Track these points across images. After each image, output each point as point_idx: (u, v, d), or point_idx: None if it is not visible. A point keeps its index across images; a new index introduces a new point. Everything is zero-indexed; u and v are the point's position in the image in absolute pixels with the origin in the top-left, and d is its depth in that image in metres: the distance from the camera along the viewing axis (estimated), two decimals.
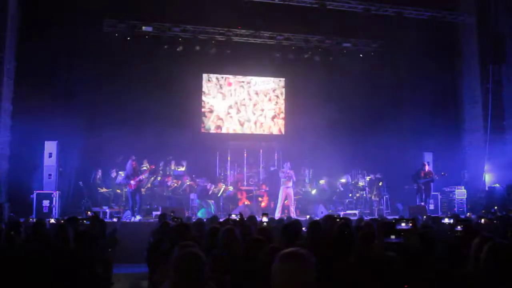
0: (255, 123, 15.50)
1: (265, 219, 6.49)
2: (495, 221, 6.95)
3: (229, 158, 14.57)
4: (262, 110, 15.57)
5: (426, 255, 3.80)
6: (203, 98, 15.17)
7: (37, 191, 11.25)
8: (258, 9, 13.12)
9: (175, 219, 7.06)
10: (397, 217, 9.99)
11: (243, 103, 15.45)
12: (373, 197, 13.76)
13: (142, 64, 13.37)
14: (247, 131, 15.35)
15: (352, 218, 8.65)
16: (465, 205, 13.30)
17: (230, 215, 6.98)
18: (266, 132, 15.53)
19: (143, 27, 13.54)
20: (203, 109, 15.14)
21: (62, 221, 7.46)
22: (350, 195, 13.92)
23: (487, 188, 13.84)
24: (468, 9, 14.59)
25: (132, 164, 11.58)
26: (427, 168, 13.15)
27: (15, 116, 11.82)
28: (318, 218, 8.43)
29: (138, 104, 13.17)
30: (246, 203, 13.26)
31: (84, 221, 6.12)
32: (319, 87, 14.70)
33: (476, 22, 14.40)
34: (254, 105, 15.51)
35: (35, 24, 12.04)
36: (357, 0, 13.54)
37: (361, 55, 15.11)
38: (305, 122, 14.46)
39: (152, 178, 13.05)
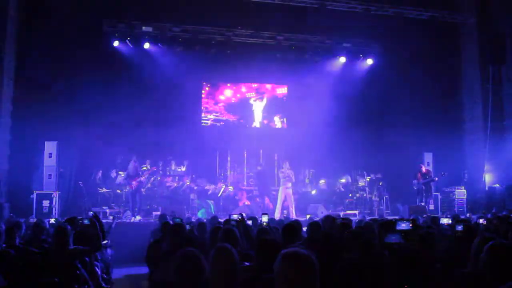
0: (256, 122, 15.53)
1: (265, 219, 6.48)
2: (495, 221, 6.94)
3: (229, 158, 14.58)
4: (263, 110, 15.59)
5: (426, 255, 3.79)
6: (203, 97, 15.20)
7: (37, 191, 11.24)
8: (258, 9, 13.12)
9: (175, 219, 7.06)
10: (397, 217, 10.03)
11: (243, 103, 15.48)
12: (373, 197, 13.76)
13: (142, 64, 13.39)
14: (247, 130, 15.34)
15: (352, 218, 8.65)
16: (465, 205, 13.28)
17: (230, 215, 6.98)
18: (266, 131, 15.53)
19: (143, 27, 13.53)
20: (203, 108, 15.19)
21: (62, 221, 7.46)
22: (350, 195, 13.92)
23: (487, 188, 13.83)
24: (468, 9, 14.59)
25: (133, 164, 11.59)
26: (424, 169, 13.16)
27: (15, 116, 11.83)
28: (318, 219, 8.43)
29: (138, 104, 13.16)
30: (246, 203, 13.26)
31: (84, 221, 6.12)
32: (319, 87, 14.71)
33: (476, 22, 14.40)
34: (255, 106, 15.54)
35: (35, 24, 12.05)
36: (357, 0, 13.54)
37: (361, 55, 15.11)
38: (305, 122, 14.48)
39: (152, 178, 13.06)
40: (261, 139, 14.96)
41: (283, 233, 4.77)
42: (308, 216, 10.54)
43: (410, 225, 4.30)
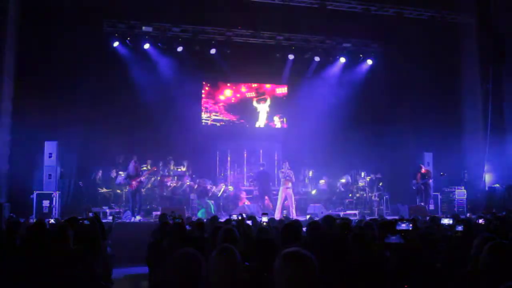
0: (260, 122, 15.54)
1: (265, 219, 6.48)
2: (495, 222, 6.93)
3: (229, 158, 14.58)
4: (265, 110, 15.59)
5: (426, 255, 3.80)
6: (203, 97, 15.20)
7: (37, 191, 11.24)
8: (258, 9, 13.12)
9: (176, 219, 7.05)
10: (397, 217, 10.03)
11: (243, 102, 15.48)
12: (373, 197, 13.76)
13: (142, 64, 13.39)
14: (247, 130, 15.34)
15: (352, 218, 8.65)
16: (465, 205, 13.28)
17: (230, 215, 6.98)
18: (266, 131, 15.53)
19: (143, 27, 13.54)
20: (203, 107, 15.19)
21: (62, 222, 7.46)
22: (350, 195, 13.92)
23: (487, 188, 13.82)
24: (468, 9, 14.58)
25: (133, 164, 11.58)
26: (423, 169, 13.16)
27: (15, 116, 11.82)
28: (318, 218, 8.42)
29: (138, 104, 13.18)
30: (246, 203, 13.26)
31: (84, 221, 6.11)
32: (319, 87, 14.73)
33: (476, 22, 14.39)
34: (254, 105, 15.55)
35: (35, 24, 12.04)
36: (357, 0, 13.54)
37: (361, 55, 15.11)
38: (305, 122, 14.48)
39: (153, 179, 13.05)
40: (261, 139, 14.96)
41: (283, 233, 4.76)
42: (308, 216, 10.54)
43: (410, 225, 4.30)
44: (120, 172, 12.75)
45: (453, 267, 3.62)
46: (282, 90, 15.82)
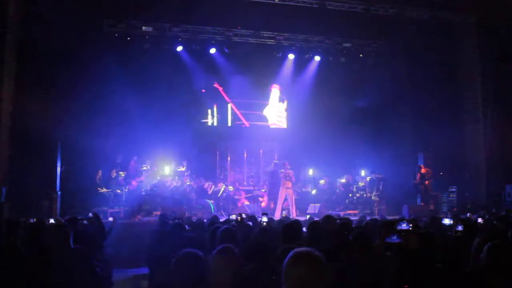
0: (257, 121, 15.54)
1: (265, 219, 6.48)
2: (495, 221, 6.94)
3: (229, 158, 14.57)
4: (263, 111, 15.60)
5: (426, 255, 3.80)
6: (203, 97, 15.20)
7: (37, 192, 11.23)
8: (258, 9, 13.12)
9: (176, 219, 7.06)
10: (397, 217, 10.03)
11: (244, 102, 15.47)
12: (373, 197, 13.76)
13: (142, 64, 13.39)
14: (247, 129, 15.33)
15: (352, 218, 8.65)
16: (465, 205, 13.28)
17: (229, 215, 6.99)
18: (266, 131, 15.52)
19: (143, 27, 13.55)
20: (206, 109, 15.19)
21: (62, 221, 7.46)
22: (350, 195, 13.92)
23: (487, 188, 13.83)
24: (468, 9, 14.57)
25: (133, 164, 11.58)
26: (423, 169, 13.17)
27: (15, 116, 11.82)
28: (318, 218, 8.42)
29: (138, 105, 13.17)
30: (245, 203, 13.26)
31: (84, 221, 6.12)
32: (319, 88, 14.73)
33: (476, 21, 14.39)
34: (255, 105, 15.55)
35: (35, 24, 12.03)
36: (357, 0, 13.53)
37: (361, 55, 15.10)
38: (305, 122, 14.47)
39: (155, 181, 13.05)
40: (261, 139, 14.96)
41: (283, 233, 4.77)
42: (308, 216, 10.54)
43: (410, 225, 4.30)
44: (120, 172, 12.75)
45: (453, 267, 3.63)
46: (282, 90, 15.78)
